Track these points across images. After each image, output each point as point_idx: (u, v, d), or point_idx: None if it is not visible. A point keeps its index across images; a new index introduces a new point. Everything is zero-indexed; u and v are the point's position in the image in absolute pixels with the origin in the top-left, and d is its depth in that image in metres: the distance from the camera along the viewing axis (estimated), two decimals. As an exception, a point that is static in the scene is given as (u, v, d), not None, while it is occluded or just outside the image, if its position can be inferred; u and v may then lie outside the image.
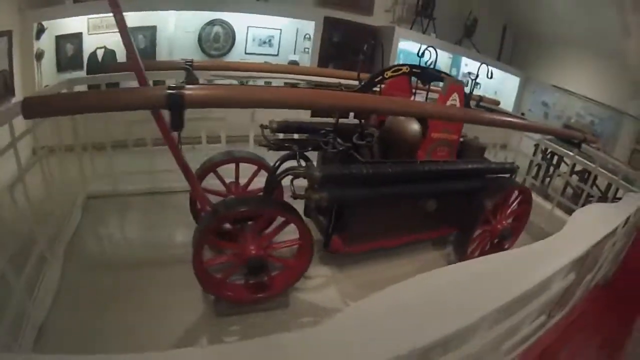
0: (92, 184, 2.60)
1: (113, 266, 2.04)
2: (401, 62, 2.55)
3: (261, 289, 1.81)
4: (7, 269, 1.40)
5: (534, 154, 3.94)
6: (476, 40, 5.70)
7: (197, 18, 4.26)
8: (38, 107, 1.17)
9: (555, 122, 5.85)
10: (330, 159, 2.12)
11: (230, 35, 4.41)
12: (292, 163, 1.94)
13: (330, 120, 2.25)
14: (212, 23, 4.30)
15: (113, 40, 3.72)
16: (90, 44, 3.74)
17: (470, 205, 2.25)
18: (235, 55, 4.53)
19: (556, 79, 5.79)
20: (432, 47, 2.38)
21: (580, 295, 1.84)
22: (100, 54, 3.79)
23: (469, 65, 5.91)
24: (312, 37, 4.71)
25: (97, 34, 3.74)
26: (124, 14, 1.30)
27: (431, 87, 2.52)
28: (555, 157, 4.60)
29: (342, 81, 3.21)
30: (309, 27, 4.74)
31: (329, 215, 2.03)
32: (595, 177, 2.92)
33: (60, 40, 3.56)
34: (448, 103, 2.22)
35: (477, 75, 2.37)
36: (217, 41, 4.37)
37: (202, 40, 4.30)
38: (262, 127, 2.14)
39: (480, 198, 2.24)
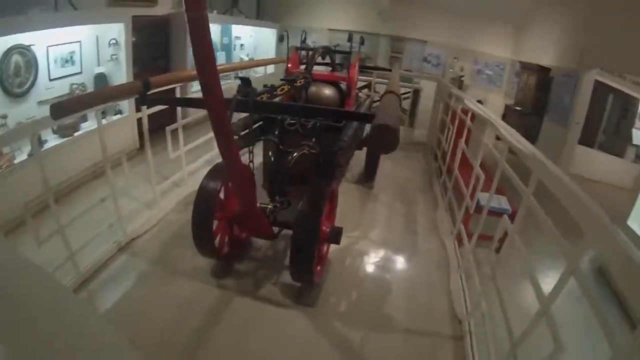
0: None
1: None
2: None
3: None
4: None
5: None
6: (242, 7, 6.66)
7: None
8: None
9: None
10: None
11: (32, 63, 3.72)
12: None
13: None
14: (8, 52, 3.45)
15: None
16: None
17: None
18: (41, 87, 3.84)
19: (309, 21, 7.68)
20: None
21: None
22: None
23: (235, 31, 6.90)
24: (119, 41, 4.46)
25: None
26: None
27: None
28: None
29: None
30: (111, 31, 4.44)
31: None
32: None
33: None
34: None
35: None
36: (17, 75, 3.66)
37: (3, 79, 3.54)
38: None
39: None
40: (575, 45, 5.48)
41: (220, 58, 6.69)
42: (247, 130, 2.85)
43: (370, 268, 3.31)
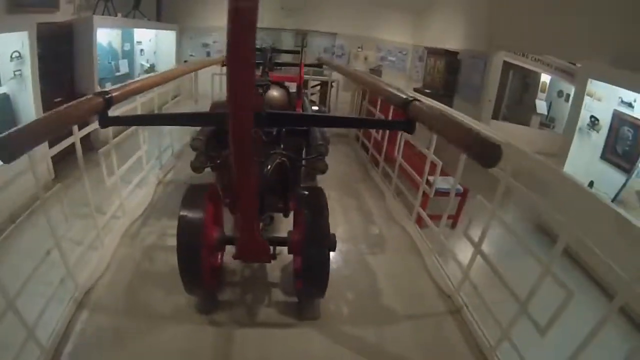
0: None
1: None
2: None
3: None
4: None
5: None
6: (143, 9, 5.92)
7: None
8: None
9: (220, 55, 7.39)
10: None
11: None
12: None
13: None
14: None
15: None
16: None
17: None
18: None
19: (210, 20, 7.16)
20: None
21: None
22: None
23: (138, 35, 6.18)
24: (22, 54, 3.63)
25: None
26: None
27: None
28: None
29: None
30: (12, 43, 3.60)
31: None
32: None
33: None
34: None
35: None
36: None
37: None
38: None
39: None
40: (482, 30, 6.14)
41: (123, 67, 5.97)
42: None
43: (351, 267, 3.31)
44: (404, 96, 1.84)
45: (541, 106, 7.65)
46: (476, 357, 2.47)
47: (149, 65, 6.49)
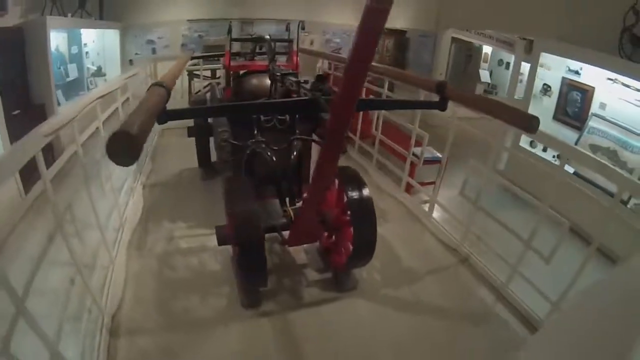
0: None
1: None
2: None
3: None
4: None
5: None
6: (88, 8, 5.44)
7: None
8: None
9: (168, 51, 7.08)
10: None
11: None
12: None
13: None
14: None
15: None
16: None
17: None
18: None
19: (154, 15, 6.77)
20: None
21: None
22: None
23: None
24: None
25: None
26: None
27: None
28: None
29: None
30: None
31: None
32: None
33: None
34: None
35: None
36: None
37: None
38: None
39: None
40: (430, 10, 6.61)
41: (72, 72, 5.52)
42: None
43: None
44: (437, 81, 2.12)
45: (484, 75, 8.46)
46: (493, 293, 2.91)
47: (95, 68, 6.03)
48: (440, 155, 4.35)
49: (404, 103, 3.24)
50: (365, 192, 2.54)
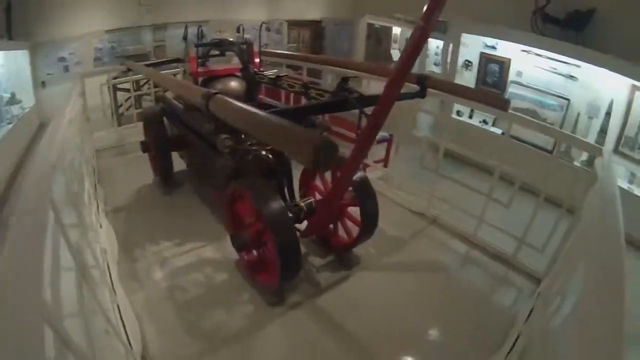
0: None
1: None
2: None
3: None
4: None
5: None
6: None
7: None
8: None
9: (81, 68, 6.47)
10: None
11: None
12: None
13: None
14: None
15: None
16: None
17: None
18: None
19: (65, 29, 6.08)
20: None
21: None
22: None
23: None
24: None
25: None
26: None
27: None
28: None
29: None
30: None
31: None
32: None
33: None
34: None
35: None
36: None
37: None
38: None
39: None
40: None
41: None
42: None
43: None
44: (418, 74, 2.57)
45: (396, 55, 9.23)
46: (466, 243, 3.57)
47: (9, 96, 5.30)
48: (388, 136, 4.95)
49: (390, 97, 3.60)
50: (360, 172, 2.89)
